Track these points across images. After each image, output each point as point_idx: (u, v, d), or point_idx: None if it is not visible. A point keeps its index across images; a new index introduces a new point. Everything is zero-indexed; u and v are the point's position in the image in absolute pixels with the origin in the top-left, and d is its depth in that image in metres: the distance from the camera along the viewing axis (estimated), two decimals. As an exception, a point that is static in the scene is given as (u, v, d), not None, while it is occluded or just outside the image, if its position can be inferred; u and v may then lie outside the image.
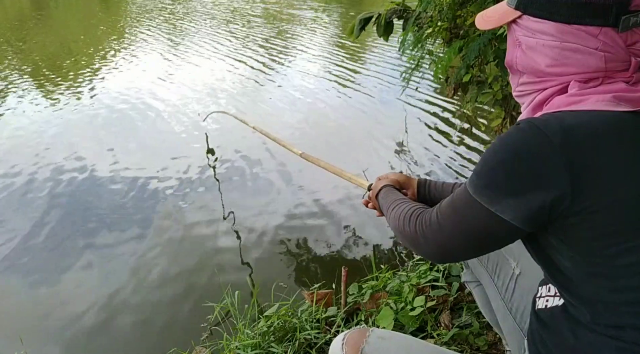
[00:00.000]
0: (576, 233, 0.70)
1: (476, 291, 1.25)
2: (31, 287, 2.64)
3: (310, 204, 3.33)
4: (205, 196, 3.48)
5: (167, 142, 4.45)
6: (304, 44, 8.72)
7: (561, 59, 0.74)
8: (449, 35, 2.43)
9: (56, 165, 3.95)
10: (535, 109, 0.78)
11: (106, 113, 5.19)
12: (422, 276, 1.90)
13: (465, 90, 2.52)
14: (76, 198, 3.48)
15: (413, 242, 0.87)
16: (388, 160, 4.02)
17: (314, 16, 11.92)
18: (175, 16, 12.15)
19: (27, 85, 6.30)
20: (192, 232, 3.07)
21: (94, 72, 6.84)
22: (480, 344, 1.58)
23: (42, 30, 10.98)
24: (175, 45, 8.68)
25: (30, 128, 4.80)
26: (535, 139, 0.68)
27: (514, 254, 1.10)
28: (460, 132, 4.52)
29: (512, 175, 0.70)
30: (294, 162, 3.73)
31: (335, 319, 1.79)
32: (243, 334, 1.79)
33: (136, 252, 2.87)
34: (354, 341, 0.92)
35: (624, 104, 0.70)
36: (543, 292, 0.85)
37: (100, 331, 2.31)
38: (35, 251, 2.89)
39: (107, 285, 2.60)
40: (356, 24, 2.82)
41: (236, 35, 9.48)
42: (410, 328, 1.66)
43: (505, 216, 0.72)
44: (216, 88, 6.04)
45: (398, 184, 1.17)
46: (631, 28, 0.70)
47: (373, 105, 5.36)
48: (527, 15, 0.77)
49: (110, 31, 10.45)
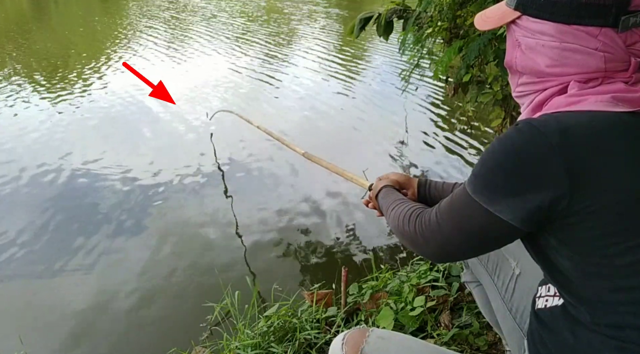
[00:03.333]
0: (575, 233, 0.70)
1: (476, 291, 1.25)
2: (31, 287, 2.64)
3: (310, 204, 3.33)
4: (206, 196, 3.48)
5: (170, 141, 4.45)
6: (305, 44, 8.72)
7: (561, 60, 0.74)
8: (449, 35, 2.44)
9: (57, 164, 3.95)
10: (535, 109, 0.78)
11: (108, 113, 5.19)
12: (422, 276, 1.90)
13: (465, 90, 2.52)
14: (76, 197, 3.48)
15: (412, 242, 0.87)
16: (388, 160, 4.02)
17: (314, 16, 11.92)
18: (176, 16, 12.15)
19: (27, 85, 6.30)
20: (193, 232, 3.07)
21: (96, 72, 6.84)
22: (480, 344, 1.58)
23: (42, 30, 10.99)
24: (177, 45, 8.67)
25: (31, 128, 4.80)
26: (534, 139, 0.69)
27: (514, 254, 1.10)
28: (460, 132, 4.52)
29: (510, 175, 0.70)
30: (296, 161, 3.73)
31: (335, 319, 1.79)
32: (243, 334, 1.79)
33: (136, 252, 2.87)
34: (354, 341, 0.92)
35: (623, 104, 0.70)
36: (543, 292, 0.85)
37: (100, 331, 2.31)
38: (35, 251, 2.89)
39: (107, 284, 2.61)
40: (356, 23, 2.82)
41: (238, 35, 9.48)
42: (410, 328, 1.66)
43: (504, 216, 0.72)
44: (219, 88, 6.04)
45: (398, 184, 1.17)
46: (631, 28, 0.70)
47: (374, 105, 5.36)
48: (527, 16, 0.77)
49: (111, 31, 10.44)
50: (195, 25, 10.74)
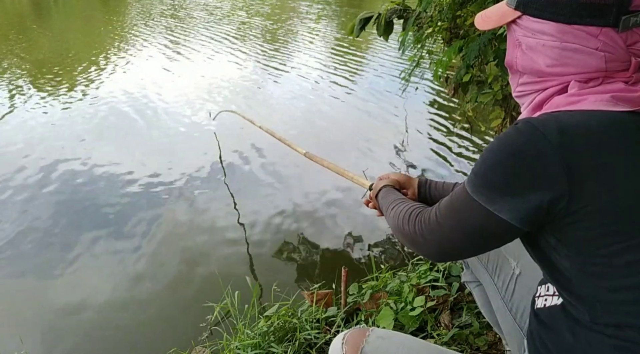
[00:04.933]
0: (574, 232, 0.70)
1: (476, 291, 1.25)
2: (31, 287, 2.64)
3: (311, 204, 3.33)
4: (207, 196, 3.48)
5: (171, 140, 4.44)
6: (306, 44, 8.72)
7: (561, 59, 0.74)
8: (449, 35, 2.44)
9: (58, 164, 3.95)
10: (535, 109, 0.78)
11: (111, 112, 5.18)
12: (422, 276, 1.90)
13: (465, 90, 2.52)
14: (77, 197, 3.48)
15: (412, 241, 0.87)
16: (388, 160, 4.02)
17: (315, 16, 11.92)
18: (177, 16, 12.15)
19: (28, 85, 6.30)
20: (193, 232, 3.06)
21: (97, 72, 6.83)
22: (480, 344, 1.58)
23: (42, 30, 10.98)
24: (178, 45, 8.67)
25: (31, 128, 4.80)
26: (533, 139, 0.69)
27: (514, 254, 1.10)
28: (461, 131, 4.52)
29: (510, 174, 0.71)
30: (298, 161, 3.73)
31: (335, 319, 1.79)
32: (243, 334, 1.79)
33: (136, 252, 2.87)
34: (354, 340, 0.92)
35: (622, 104, 0.70)
36: (542, 291, 0.85)
37: (100, 331, 2.31)
38: (35, 251, 2.89)
39: (107, 284, 2.60)
40: (356, 23, 2.82)
41: (239, 35, 9.48)
42: (410, 328, 1.66)
43: (504, 215, 0.72)
44: (221, 88, 6.03)
45: (398, 184, 1.17)
46: (631, 28, 0.70)
47: (374, 105, 5.36)
48: (527, 16, 0.77)
49: (111, 31, 10.44)
50: (197, 25, 10.74)
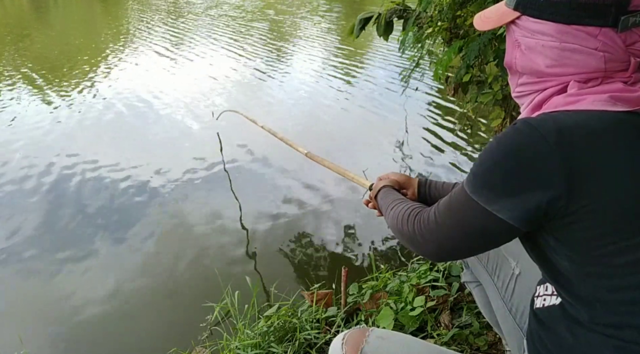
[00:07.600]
0: (573, 232, 0.70)
1: (476, 291, 1.25)
2: (31, 287, 2.64)
3: (311, 204, 3.33)
4: (207, 196, 3.48)
5: (171, 140, 4.45)
6: (307, 44, 8.71)
7: (561, 60, 0.74)
8: (449, 35, 2.44)
9: (58, 164, 3.95)
10: (534, 109, 0.78)
11: (113, 112, 5.19)
12: (422, 276, 1.90)
13: (465, 90, 2.52)
14: (78, 197, 3.48)
15: (411, 241, 0.87)
16: (389, 160, 4.02)
17: (315, 16, 11.92)
18: (178, 15, 12.15)
19: (28, 85, 6.30)
20: (193, 232, 3.07)
21: (98, 73, 6.84)
22: (480, 344, 1.58)
23: (42, 30, 10.98)
24: (180, 45, 8.67)
25: (31, 128, 4.80)
26: (531, 139, 0.69)
27: (514, 254, 1.10)
28: (461, 131, 4.52)
29: (508, 174, 0.71)
30: (299, 161, 3.72)
31: (335, 319, 1.79)
32: (243, 334, 1.79)
33: (137, 252, 2.87)
34: (354, 340, 0.92)
35: (621, 104, 0.70)
36: (541, 291, 0.85)
37: (100, 330, 2.31)
38: (35, 251, 2.89)
39: (107, 284, 2.61)
40: (356, 23, 2.82)
41: (240, 35, 9.48)
42: (410, 328, 1.66)
43: (502, 215, 0.72)
44: (223, 88, 6.04)
45: (398, 184, 1.18)
46: (630, 28, 0.70)
47: (374, 105, 5.36)
48: (526, 16, 0.77)
49: (111, 30, 10.44)
50: (198, 25, 10.74)
